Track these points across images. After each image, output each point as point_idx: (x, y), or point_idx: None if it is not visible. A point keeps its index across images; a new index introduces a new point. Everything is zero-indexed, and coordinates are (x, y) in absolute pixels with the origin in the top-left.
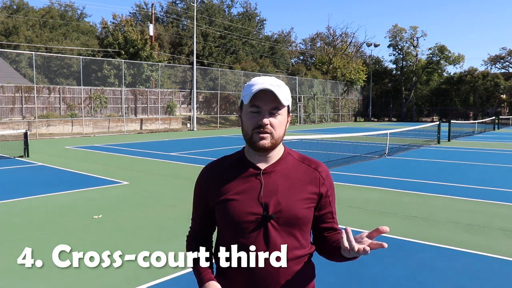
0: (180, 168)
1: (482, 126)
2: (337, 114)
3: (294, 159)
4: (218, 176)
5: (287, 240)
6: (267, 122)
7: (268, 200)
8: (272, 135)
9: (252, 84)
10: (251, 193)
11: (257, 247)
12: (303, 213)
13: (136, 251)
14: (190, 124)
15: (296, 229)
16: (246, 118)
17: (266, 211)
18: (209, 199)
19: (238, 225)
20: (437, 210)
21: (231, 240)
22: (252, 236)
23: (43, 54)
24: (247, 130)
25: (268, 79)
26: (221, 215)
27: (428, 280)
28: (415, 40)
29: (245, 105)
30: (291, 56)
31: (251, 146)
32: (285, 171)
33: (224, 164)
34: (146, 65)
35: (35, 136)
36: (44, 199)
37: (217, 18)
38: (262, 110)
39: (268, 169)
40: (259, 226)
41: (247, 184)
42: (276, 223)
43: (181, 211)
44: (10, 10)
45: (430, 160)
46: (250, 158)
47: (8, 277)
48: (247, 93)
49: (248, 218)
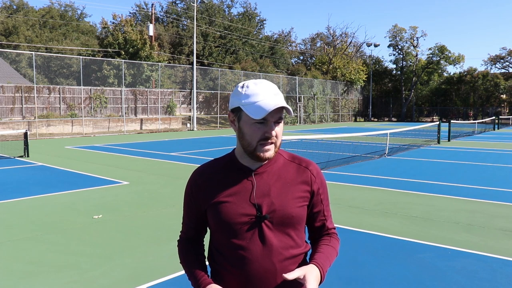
0: (180, 168)
1: (482, 126)
2: (337, 114)
3: (284, 159)
4: (209, 179)
5: (282, 239)
6: (274, 133)
7: (261, 201)
8: (276, 144)
9: (253, 95)
10: (243, 195)
11: (252, 248)
12: (297, 212)
13: (136, 251)
14: (190, 124)
15: (291, 228)
16: (250, 129)
17: (259, 212)
18: (201, 203)
19: (231, 227)
20: (437, 210)
21: (225, 243)
22: (246, 237)
23: (43, 54)
24: (250, 141)
25: (268, 88)
26: (214, 217)
27: (428, 280)
28: (415, 40)
29: (248, 116)
30: (291, 56)
31: (254, 157)
32: (277, 171)
33: (214, 167)
34: (146, 65)
35: (35, 136)
36: (44, 199)
37: (217, 18)
38: (269, 122)
39: (260, 170)
40: (253, 227)
41: (239, 185)
42: (271, 223)
43: (181, 211)
44: (10, 10)
45: (430, 160)
46: (242, 161)
47: (8, 277)
48: (251, 106)
49: (241, 220)
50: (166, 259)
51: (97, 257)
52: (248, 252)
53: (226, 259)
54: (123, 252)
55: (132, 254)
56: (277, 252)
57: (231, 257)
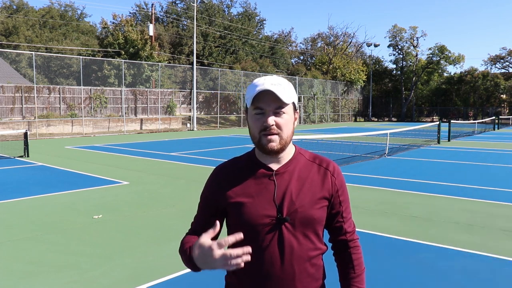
0: (180, 168)
1: (482, 126)
2: (337, 114)
3: (305, 159)
4: (230, 178)
5: (302, 241)
6: (272, 122)
7: (282, 202)
8: (280, 135)
9: (253, 86)
10: (265, 195)
11: (271, 250)
12: (317, 214)
13: (136, 251)
14: (190, 124)
15: (310, 230)
16: (252, 120)
17: (280, 213)
18: (220, 200)
19: (253, 228)
20: (437, 210)
21: (244, 243)
22: (267, 238)
23: (43, 54)
24: (254, 133)
25: (269, 79)
26: (234, 217)
27: (428, 280)
28: (415, 40)
29: (249, 108)
30: (291, 56)
31: (261, 149)
32: (297, 171)
33: (235, 165)
34: (146, 65)
35: (35, 136)
36: (44, 199)
37: (217, 18)
38: (266, 111)
39: (281, 169)
40: (274, 228)
41: (260, 185)
42: (291, 225)
43: (181, 211)
44: (10, 10)
45: (430, 160)
46: (261, 159)
47: (8, 277)
48: (249, 96)
49: (263, 221)
50: (166, 259)
51: (97, 257)
52: (267, 254)
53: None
54: (123, 252)
55: (132, 254)
56: (296, 255)
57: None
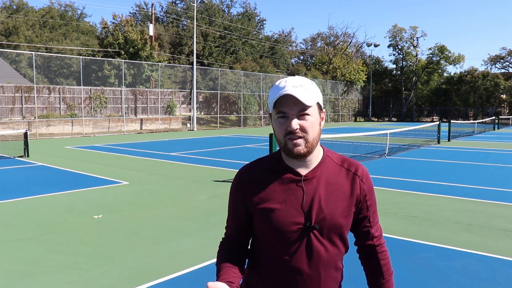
0: (180, 168)
1: (482, 126)
2: (337, 114)
3: (334, 163)
4: (256, 182)
5: (329, 248)
6: (296, 126)
7: (310, 209)
8: (306, 139)
9: (275, 89)
10: (293, 202)
11: (299, 257)
12: (345, 221)
13: (136, 251)
14: (190, 124)
15: (337, 236)
16: (276, 125)
17: (309, 221)
18: (248, 206)
19: (280, 235)
20: (437, 210)
21: (271, 250)
22: (294, 246)
23: (43, 54)
24: (279, 137)
25: (291, 81)
26: (262, 224)
27: (428, 280)
28: (415, 40)
29: (272, 112)
30: (291, 56)
31: (287, 153)
32: (326, 176)
33: (261, 168)
34: (146, 65)
35: (35, 136)
36: (44, 199)
37: (217, 18)
38: (289, 115)
39: (309, 175)
40: (302, 236)
41: (289, 191)
42: (319, 233)
43: (181, 211)
44: (10, 10)
45: (430, 160)
46: (289, 163)
47: (8, 277)
48: (270, 100)
49: (291, 228)
50: (166, 259)
51: (97, 257)
52: (294, 260)
53: (267, 265)
54: (123, 252)
55: (132, 254)
56: (323, 262)
57: (274, 264)
